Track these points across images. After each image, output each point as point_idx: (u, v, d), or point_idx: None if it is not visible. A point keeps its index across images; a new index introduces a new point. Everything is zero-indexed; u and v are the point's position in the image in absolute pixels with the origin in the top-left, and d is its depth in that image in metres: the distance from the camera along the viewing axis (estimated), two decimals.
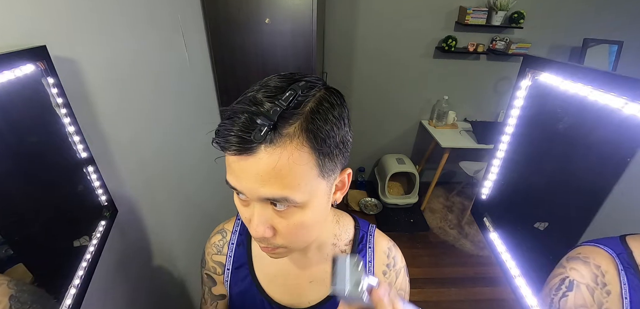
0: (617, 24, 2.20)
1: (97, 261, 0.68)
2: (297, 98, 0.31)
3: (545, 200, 0.76)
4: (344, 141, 0.35)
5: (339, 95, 0.36)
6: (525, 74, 0.74)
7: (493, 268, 2.15)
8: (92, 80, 0.73)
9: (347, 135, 0.36)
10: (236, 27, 1.44)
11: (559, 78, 0.62)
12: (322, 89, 0.35)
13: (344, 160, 0.37)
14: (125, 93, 0.88)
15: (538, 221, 0.74)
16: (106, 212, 0.76)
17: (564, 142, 0.68)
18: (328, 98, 0.34)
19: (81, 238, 0.65)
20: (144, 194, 0.99)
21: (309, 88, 0.33)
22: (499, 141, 0.86)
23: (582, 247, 0.53)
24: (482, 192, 0.96)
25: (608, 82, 0.50)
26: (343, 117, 0.34)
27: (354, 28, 2.28)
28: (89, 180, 0.70)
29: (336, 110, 0.34)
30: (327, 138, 0.32)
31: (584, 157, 0.64)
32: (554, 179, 0.73)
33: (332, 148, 0.33)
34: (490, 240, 0.89)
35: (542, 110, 0.72)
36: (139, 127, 0.95)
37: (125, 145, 0.88)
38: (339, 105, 0.34)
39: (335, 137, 0.33)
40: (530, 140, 0.79)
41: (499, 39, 2.28)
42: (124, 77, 0.87)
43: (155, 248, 1.07)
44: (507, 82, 2.50)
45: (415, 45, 2.36)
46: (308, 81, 0.34)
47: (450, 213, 2.67)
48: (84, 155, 0.67)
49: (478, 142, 2.30)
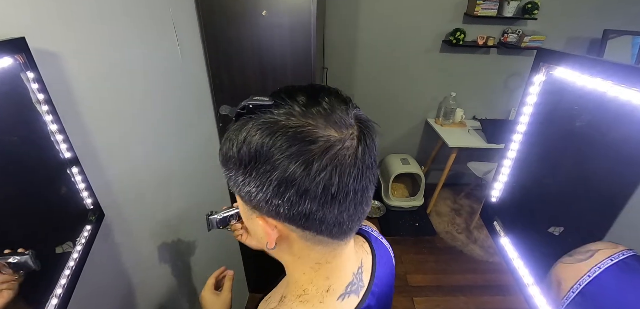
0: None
1: (81, 269, 0.67)
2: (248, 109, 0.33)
3: (560, 203, 0.75)
4: (245, 187, 0.33)
5: (268, 134, 0.30)
6: (539, 69, 0.72)
7: (504, 275, 2.14)
8: (76, 75, 0.72)
9: (244, 182, 0.32)
10: (231, 19, 1.43)
11: (576, 72, 0.61)
12: (255, 119, 0.32)
13: (257, 203, 0.33)
14: (112, 90, 0.87)
15: (553, 226, 0.73)
16: (92, 216, 0.75)
17: (580, 141, 0.67)
18: (240, 129, 0.32)
19: (64, 244, 0.64)
20: (133, 197, 0.98)
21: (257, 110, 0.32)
22: (510, 140, 0.86)
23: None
24: (492, 194, 0.96)
25: (630, 76, 0.49)
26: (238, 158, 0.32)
27: (356, 21, 2.27)
28: (73, 182, 0.69)
29: (241, 140, 0.31)
30: (224, 156, 0.34)
31: (602, 157, 0.63)
32: (569, 181, 0.72)
33: (229, 170, 0.34)
34: (501, 246, 0.89)
35: (557, 107, 0.71)
36: (127, 125, 0.95)
37: (112, 144, 0.88)
38: (242, 143, 0.31)
39: (231, 161, 0.33)
40: (544, 139, 0.78)
41: (510, 32, 2.26)
42: (111, 72, 0.86)
43: (146, 255, 1.06)
44: (519, 78, 2.49)
45: (421, 38, 2.35)
46: (261, 106, 0.32)
47: (458, 216, 2.66)
48: (68, 155, 0.66)
49: (488, 141, 2.29)
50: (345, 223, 0.33)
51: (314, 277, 0.39)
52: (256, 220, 0.35)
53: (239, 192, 0.34)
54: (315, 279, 0.39)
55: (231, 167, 0.33)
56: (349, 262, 0.42)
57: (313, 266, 0.39)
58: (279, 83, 1.57)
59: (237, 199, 0.37)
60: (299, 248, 0.37)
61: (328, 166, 0.29)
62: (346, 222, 0.33)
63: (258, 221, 0.35)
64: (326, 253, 0.38)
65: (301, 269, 0.40)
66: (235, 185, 0.34)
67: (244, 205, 0.36)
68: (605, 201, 0.62)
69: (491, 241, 2.30)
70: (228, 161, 0.33)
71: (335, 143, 0.30)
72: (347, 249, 0.40)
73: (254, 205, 0.34)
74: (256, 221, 0.36)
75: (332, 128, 0.30)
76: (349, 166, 0.30)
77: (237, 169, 0.33)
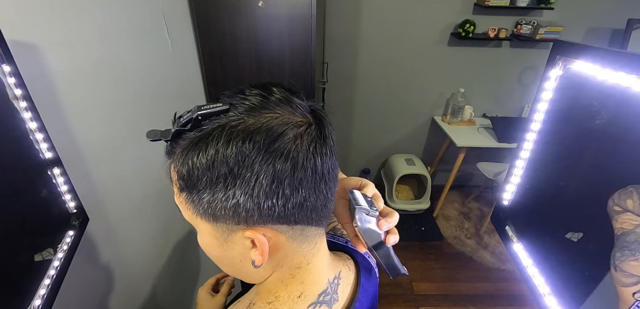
0: None
1: (63, 278, 0.66)
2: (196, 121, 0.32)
3: (578, 207, 0.75)
4: (228, 202, 0.31)
5: (246, 140, 0.30)
6: (555, 62, 0.72)
7: (517, 284, 2.12)
8: (57, 69, 0.72)
9: (226, 197, 0.31)
10: (226, 10, 1.42)
11: (596, 66, 0.60)
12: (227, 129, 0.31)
13: (246, 215, 0.32)
14: (98, 85, 0.86)
15: (570, 231, 0.73)
16: (75, 220, 0.74)
17: (601, 139, 0.66)
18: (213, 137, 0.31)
19: (44, 251, 0.63)
20: (120, 199, 0.97)
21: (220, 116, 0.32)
22: (523, 139, 0.86)
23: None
24: (503, 197, 0.96)
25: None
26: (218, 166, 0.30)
27: (359, 13, 2.26)
28: (55, 184, 0.68)
29: (212, 154, 0.30)
30: (190, 178, 0.32)
31: (625, 157, 0.62)
32: (589, 182, 0.71)
33: (201, 191, 0.32)
34: (514, 252, 0.88)
35: (576, 104, 0.70)
36: (114, 122, 0.94)
37: (97, 143, 0.87)
38: (220, 152, 0.30)
39: (203, 180, 0.31)
40: (560, 138, 0.77)
41: (524, 23, 2.24)
42: (96, 65, 0.85)
43: (133, 262, 1.05)
44: (533, 72, 2.47)
45: (428, 31, 2.33)
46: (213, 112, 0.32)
47: (467, 220, 2.65)
48: (49, 155, 0.65)
49: (499, 140, 2.28)
50: (330, 201, 0.36)
51: (290, 282, 0.39)
52: (238, 239, 0.35)
53: (215, 212, 0.33)
54: (291, 284, 0.39)
55: (203, 187, 0.32)
56: (326, 261, 0.43)
57: (293, 272, 0.39)
58: (275, 78, 1.57)
59: (204, 226, 0.35)
60: (284, 254, 0.37)
61: (310, 148, 0.31)
62: (330, 200, 0.36)
63: (242, 240, 0.34)
64: (308, 251, 0.38)
65: (279, 278, 0.39)
66: (209, 206, 0.32)
67: (215, 229, 0.35)
68: None
69: (503, 247, 2.28)
70: (197, 183, 0.32)
71: (307, 127, 0.32)
72: (324, 243, 0.42)
73: (241, 218, 0.32)
74: (238, 242, 0.35)
75: (297, 114, 0.33)
76: (322, 146, 0.33)
77: (212, 187, 0.31)
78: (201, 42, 1.48)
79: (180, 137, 0.33)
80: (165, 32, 1.18)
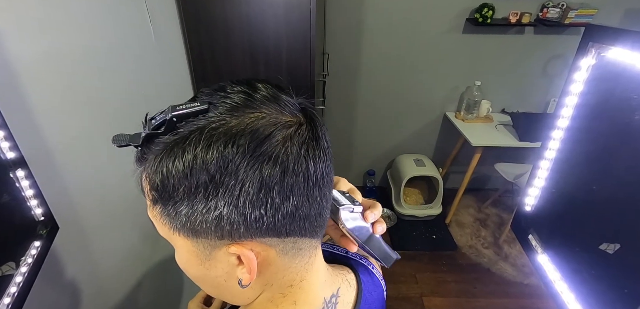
0: None
1: (26, 296, 0.64)
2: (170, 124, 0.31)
3: (614, 215, 0.73)
4: (210, 214, 0.30)
5: (228, 144, 0.29)
6: (587, 50, 0.71)
7: (543, 300, 2.09)
8: (21, 60, 0.70)
9: (207, 208, 0.30)
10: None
11: (636, 53, 0.59)
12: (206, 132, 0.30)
13: (231, 228, 0.31)
14: (68, 78, 0.85)
15: (605, 242, 0.71)
16: (42, 229, 0.73)
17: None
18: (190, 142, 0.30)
19: (4, 265, 0.61)
20: (95, 205, 0.96)
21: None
22: (548, 138, 0.86)
23: None
24: (525, 202, 0.96)
25: None
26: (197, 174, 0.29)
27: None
28: (18, 188, 0.66)
29: (190, 160, 0.29)
30: (164, 188, 0.31)
31: None
32: (626, 186, 0.69)
33: (177, 202, 0.31)
34: (539, 264, 0.88)
35: (611, 97, 0.70)
36: (87, 120, 0.92)
37: (68, 143, 0.86)
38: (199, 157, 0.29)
39: (180, 191, 0.30)
40: (593, 136, 0.77)
41: (551, 5, 2.20)
42: (67, 55, 0.84)
43: (109, 274, 1.04)
44: (560, 62, 2.44)
45: (440, 17, 2.32)
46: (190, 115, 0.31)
47: (484, 228, 2.64)
48: (11, 156, 0.63)
49: (520, 138, 2.27)
50: (324, 209, 0.36)
51: (282, 302, 0.39)
52: (222, 256, 0.34)
53: (195, 227, 0.32)
54: (283, 304, 0.39)
55: (180, 198, 0.31)
56: (322, 277, 0.42)
57: (284, 290, 0.39)
58: (271, 70, 1.56)
59: (182, 243, 0.34)
60: (275, 271, 0.36)
61: (301, 150, 0.31)
62: (325, 208, 0.36)
63: (226, 256, 0.34)
64: (302, 267, 0.38)
65: (269, 298, 0.39)
66: (188, 220, 0.31)
67: (195, 245, 0.34)
68: None
69: (525, 259, 2.26)
70: (173, 194, 0.31)
71: (297, 127, 0.31)
72: (319, 257, 0.41)
73: (225, 232, 0.32)
74: (222, 259, 0.34)
75: (286, 112, 0.32)
76: (315, 148, 0.32)
77: (190, 198, 0.30)
78: (188, 29, 1.47)
79: (152, 142, 0.31)
80: (147, 18, 1.16)
